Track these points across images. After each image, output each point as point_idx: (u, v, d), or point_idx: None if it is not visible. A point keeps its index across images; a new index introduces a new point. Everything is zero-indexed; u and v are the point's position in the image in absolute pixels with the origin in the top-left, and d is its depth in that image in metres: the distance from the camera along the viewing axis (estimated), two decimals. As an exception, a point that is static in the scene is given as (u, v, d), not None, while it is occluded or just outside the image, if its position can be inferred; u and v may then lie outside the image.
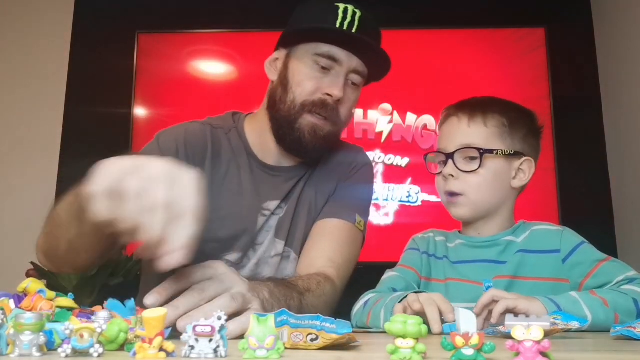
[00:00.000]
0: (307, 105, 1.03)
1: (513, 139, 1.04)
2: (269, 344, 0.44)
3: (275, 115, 1.07)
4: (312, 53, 1.04)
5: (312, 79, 1.03)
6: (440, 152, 1.06)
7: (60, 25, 2.76)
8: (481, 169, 1.02)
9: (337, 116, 1.05)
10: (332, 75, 1.04)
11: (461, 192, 1.03)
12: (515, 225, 1.08)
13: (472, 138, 1.03)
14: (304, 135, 1.03)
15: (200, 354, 0.43)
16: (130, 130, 2.60)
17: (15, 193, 2.63)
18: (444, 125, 1.10)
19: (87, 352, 0.43)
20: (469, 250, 1.08)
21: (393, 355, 0.42)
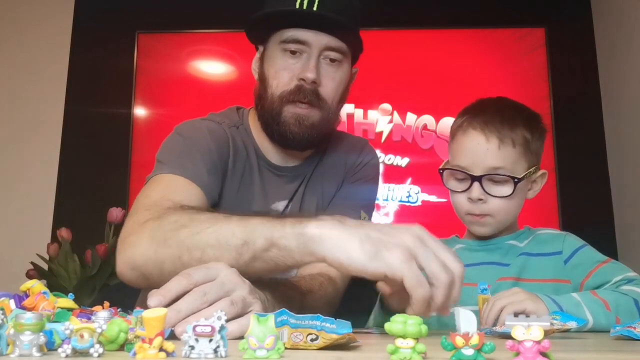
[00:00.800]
0: (285, 95, 1.00)
1: (532, 152, 1.03)
2: (269, 344, 0.44)
3: (260, 114, 1.05)
4: (278, 42, 1.01)
5: (285, 68, 1.00)
6: (464, 172, 1.02)
7: (60, 25, 2.76)
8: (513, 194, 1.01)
9: (319, 99, 1.00)
10: (303, 59, 1.00)
11: (488, 213, 1.02)
12: (519, 230, 1.09)
13: (503, 162, 1.00)
14: (289, 127, 1.00)
15: (200, 354, 0.43)
16: (130, 130, 2.60)
17: (16, 193, 2.63)
18: (465, 139, 1.03)
19: (87, 352, 0.43)
20: (471, 253, 1.08)
21: (393, 355, 0.42)
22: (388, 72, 2.61)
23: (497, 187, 1.00)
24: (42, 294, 0.60)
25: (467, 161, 1.01)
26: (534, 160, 1.04)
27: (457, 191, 1.04)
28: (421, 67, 2.61)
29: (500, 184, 1.00)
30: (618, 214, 2.50)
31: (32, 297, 0.59)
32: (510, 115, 1.03)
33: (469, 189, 1.01)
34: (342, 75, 1.04)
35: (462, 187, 1.03)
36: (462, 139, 1.04)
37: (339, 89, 1.04)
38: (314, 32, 0.98)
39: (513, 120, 1.02)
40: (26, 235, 2.52)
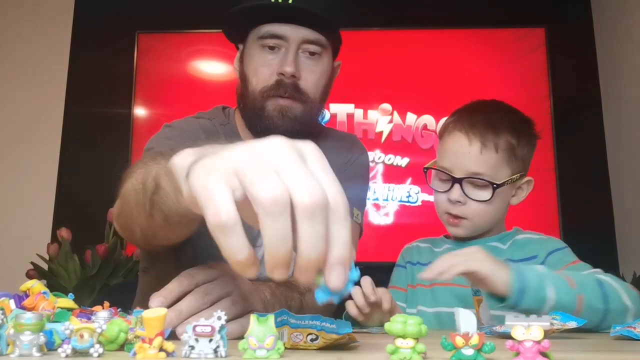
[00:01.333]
0: (266, 90, 0.99)
1: (518, 158, 1.03)
2: (269, 344, 0.44)
3: (243, 112, 1.05)
4: (256, 38, 1.00)
5: (264, 64, 0.99)
6: (447, 173, 1.03)
7: (60, 26, 2.76)
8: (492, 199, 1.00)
9: (300, 93, 0.99)
10: (282, 53, 0.99)
11: (465, 216, 1.03)
12: (505, 232, 1.09)
13: (484, 167, 1.00)
14: (273, 121, 0.99)
15: (200, 354, 0.43)
16: (130, 130, 2.60)
17: (16, 193, 2.63)
18: (450, 140, 1.04)
19: (87, 352, 0.43)
20: None
21: (393, 355, 0.42)
22: (388, 72, 2.61)
23: (476, 190, 1.01)
24: (42, 294, 0.60)
25: (450, 162, 1.02)
26: (519, 167, 1.03)
27: (439, 191, 1.05)
28: (421, 67, 2.61)
29: (480, 188, 1.01)
30: (618, 214, 2.50)
31: (32, 297, 0.59)
32: (497, 119, 1.03)
33: (450, 190, 1.02)
34: (323, 68, 1.03)
35: (444, 187, 1.04)
36: (447, 140, 1.05)
37: (320, 82, 1.02)
38: (291, 25, 0.97)
39: (498, 125, 1.02)
40: (26, 235, 2.52)
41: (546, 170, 2.44)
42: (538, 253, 1.02)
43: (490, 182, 0.99)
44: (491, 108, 1.07)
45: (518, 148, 1.02)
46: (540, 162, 2.45)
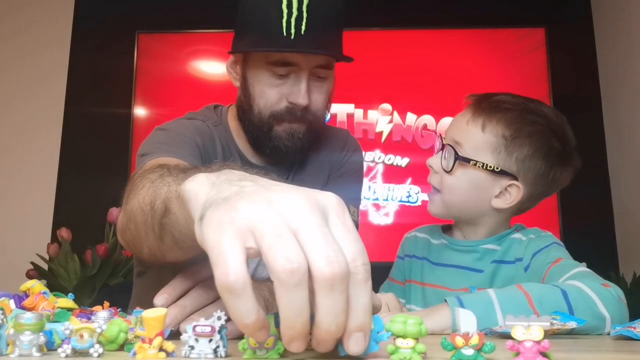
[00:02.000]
0: (275, 115, 0.97)
1: (510, 156, 0.93)
2: (269, 344, 0.44)
3: (247, 127, 1.02)
4: (265, 62, 0.96)
5: (273, 87, 0.97)
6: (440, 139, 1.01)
7: (60, 26, 2.76)
8: (458, 173, 0.95)
9: (310, 115, 0.99)
10: (293, 80, 0.96)
11: (438, 188, 0.99)
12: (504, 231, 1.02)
13: (464, 139, 0.95)
14: (282, 142, 0.98)
15: (200, 354, 0.43)
16: (130, 130, 2.60)
17: (16, 193, 2.63)
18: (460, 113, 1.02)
19: (87, 352, 0.43)
20: (449, 252, 1.05)
21: (393, 355, 0.42)
22: (388, 72, 2.61)
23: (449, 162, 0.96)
24: (42, 294, 0.60)
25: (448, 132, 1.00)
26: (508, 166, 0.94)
27: None
28: (421, 67, 2.61)
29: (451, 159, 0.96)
30: (618, 214, 2.50)
31: (32, 297, 0.59)
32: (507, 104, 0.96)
33: None
34: (330, 86, 1.02)
35: None
36: None
37: (326, 99, 1.02)
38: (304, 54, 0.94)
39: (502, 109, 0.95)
40: (26, 235, 2.52)
41: (546, 170, 2.44)
42: (523, 255, 0.96)
43: (454, 150, 0.94)
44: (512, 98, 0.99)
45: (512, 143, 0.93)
46: (540, 162, 2.45)
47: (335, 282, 0.38)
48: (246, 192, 0.43)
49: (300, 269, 0.37)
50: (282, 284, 0.38)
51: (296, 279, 0.37)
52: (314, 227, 0.39)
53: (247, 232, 0.39)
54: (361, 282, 0.39)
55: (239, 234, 0.39)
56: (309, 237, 0.39)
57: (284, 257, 0.38)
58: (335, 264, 0.38)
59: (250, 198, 0.41)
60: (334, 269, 0.38)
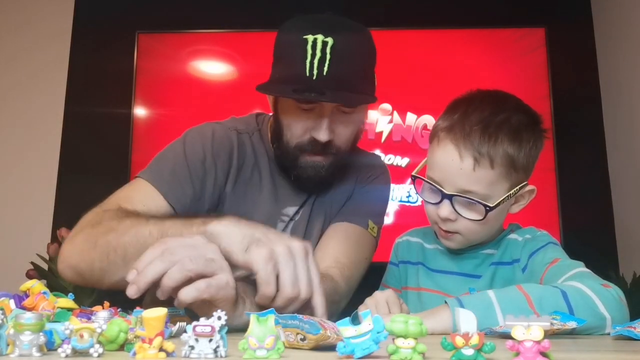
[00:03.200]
0: (300, 146, 1.01)
1: (518, 170, 0.91)
2: (269, 344, 0.44)
3: (277, 153, 1.08)
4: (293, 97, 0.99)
5: (299, 122, 1.00)
6: (436, 187, 0.93)
7: (60, 25, 2.76)
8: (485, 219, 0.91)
9: (334, 149, 1.02)
10: (315, 115, 0.98)
11: (457, 231, 0.94)
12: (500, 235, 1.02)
13: (477, 186, 0.89)
14: (306, 173, 1.03)
15: (200, 354, 0.43)
16: (130, 130, 2.60)
17: (15, 193, 2.63)
18: (440, 152, 0.93)
19: (87, 352, 0.43)
20: (445, 259, 1.04)
21: (393, 355, 0.42)
22: (388, 72, 2.60)
23: (468, 208, 0.91)
24: (42, 294, 0.60)
25: (440, 176, 0.92)
26: (519, 178, 0.92)
27: (429, 202, 0.96)
28: (421, 67, 2.61)
29: (472, 206, 0.91)
30: (618, 214, 2.50)
31: (32, 297, 0.59)
32: (495, 125, 0.90)
33: (439, 205, 0.93)
34: (357, 119, 1.04)
35: (434, 199, 0.94)
36: (436, 151, 0.94)
37: (354, 133, 1.05)
38: None
39: (496, 134, 0.89)
40: (26, 235, 2.52)
41: (546, 170, 2.44)
42: (520, 256, 0.96)
43: (482, 204, 0.89)
44: (490, 108, 0.93)
45: (518, 157, 0.90)
46: (540, 162, 2.44)
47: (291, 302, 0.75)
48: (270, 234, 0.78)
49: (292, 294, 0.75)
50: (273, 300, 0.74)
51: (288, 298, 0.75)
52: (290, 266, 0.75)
53: None
54: None
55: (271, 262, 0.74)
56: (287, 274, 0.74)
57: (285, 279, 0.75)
58: None
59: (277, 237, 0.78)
60: None
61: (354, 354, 0.44)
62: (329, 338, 0.51)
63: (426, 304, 1.01)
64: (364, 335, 0.44)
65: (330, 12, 1.03)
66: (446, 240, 0.98)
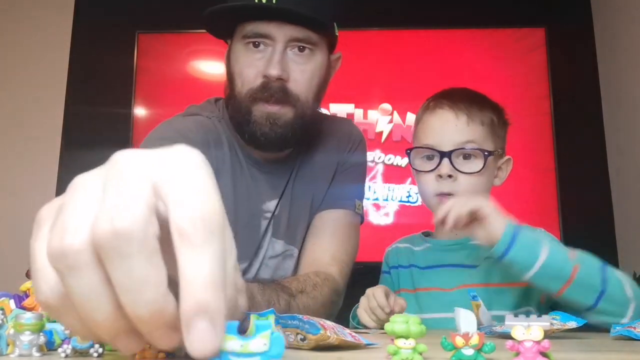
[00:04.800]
0: (252, 93, 0.91)
1: (498, 136, 1.02)
2: (269, 344, 0.44)
3: (231, 114, 0.98)
4: (240, 37, 0.93)
5: (250, 65, 0.92)
6: (433, 149, 0.98)
7: (60, 25, 2.76)
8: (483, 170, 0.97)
9: (289, 96, 0.91)
10: (268, 53, 0.91)
11: (457, 192, 0.97)
12: None
13: (472, 136, 0.98)
14: (261, 128, 0.92)
15: (200, 354, 0.43)
16: (130, 130, 2.60)
17: (15, 193, 2.63)
18: (434, 118, 1.02)
19: (87, 352, 0.43)
20: (435, 254, 1.05)
21: (394, 356, 0.42)
22: (388, 72, 2.61)
23: (466, 163, 0.98)
24: (42, 294, 0.60)
25: (436, 139, 0.99)
26: (499, 144, 1.02)
27: (425, 170, 1.00)
28: (421, 67, 2.61)
29: (469, 160, 0.98)
30: (618, 214, 2.50)
31: (32, 297, 0.59)
32: (479, 97, 1.04)
33: (438, 167, 0.97)
34: (315, 66, 0.94)
35: (430, 165, 0.99)
36: (429, 118, 1.03)
37: (313, 81, 0.94)
38: (277, 23, 0.90)
39: (481, 102, 1.02)
40: (26, 235, 2.51)
41: (546, 170, 2.44)
42: None
43: (481, 150, 0.97)
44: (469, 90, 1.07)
45: (498, 126, 1.02)
46: (540, 162, 2.45)
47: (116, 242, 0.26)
48: None
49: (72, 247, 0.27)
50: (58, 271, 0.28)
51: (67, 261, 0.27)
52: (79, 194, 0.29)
53: None
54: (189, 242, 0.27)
55: None
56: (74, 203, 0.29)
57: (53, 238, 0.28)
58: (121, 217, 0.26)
59: None
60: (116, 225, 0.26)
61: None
62: (329, 338, 0.51)
63: (423, 303, 1.01)
64: (250, 356, 0.29)
65: None
66: None
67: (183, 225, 0.27)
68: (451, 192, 0.97)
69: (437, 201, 0.99)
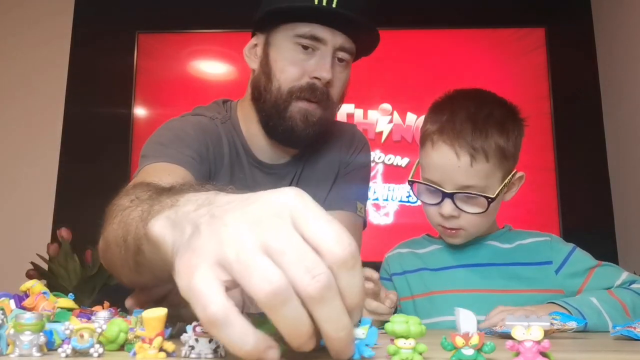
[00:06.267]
0: (294, 91, 0.95)
1: (508, 159, 0.95)
2: (269, 344, 0.44)
3: (262, 107, 0.99)
4: (291, 35, 0.96)
5: (296, 63, 0.96)
6: (436, 188, 0.95)
7: (60, 25, 2.76)
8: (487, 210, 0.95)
9: (328, 99, 0.97)
10: (318, 57, 0.96)
11: (461, 227, 0.97)
12: (499, 230, 1.06)
13: (476, 180, 0.92)
14: (296, 123, 0.96)
15: (200, 354, 0.43)
16: (130, 130, 2.60)
17: (15, 193, 2.63)
18: (436, 154, 0.95)
19: (87, 352, 0.43)
20: (449, 255, 1.04)
21: (394, 356, 0.42)
22: (388, 72, 2.61)
23: (470, 203, 0.94)
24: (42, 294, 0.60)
25: (438, 176, 0.94)
26: (509, 166, 0.96)
27: (428, 203, 0.98)
28: (421, 67, 2.61)
29: (473, 200, 0.94)
30: (618, 214, 2.50)
31: (32, 297, 0.59)
32: (483, 120, 0.94)
33: (440, 205, 0.95)
34: (347, 76, 1.02)
35: (433, 200, 0.96)
36: (431, 153, 0.96)
37: (343, 89, 1.02)
38: (331, 30, 0.95)
39: (485, 128, 0.93)
40: (26, 235, 2.52)
41: (546, 170, 2.44)
42: (553, 259, 0.99)
43: (484, 196, 0.92)
44: (474, 105, 0.97)
45: (507, 147, 0.94)
46: (540, 162, 2.45)
47: (323, 294, 0.35)
48: (203, 226, 0.40)
49: (280, 287, 0.35)
50: (269, 307, 0.35)
51: (280, 298, 0.35)
52: (281, 239, 0.36)
53: (217, 268, 0.37)
54: (351, 268, 0.37)
55: (209, 272, 0.37)
56: (280, 252, 0.36)
57: (260, 281, 0.35)
58: (318, 277, 0.35)
59: (208, 231, 0.39)
60: (319, 283, 0.35)
61: None
62: None
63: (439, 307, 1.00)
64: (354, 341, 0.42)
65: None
66: (451, 238, 1.00)
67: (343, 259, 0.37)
68: (454, 227, 0.97)
69: (441, 230, 1.00)
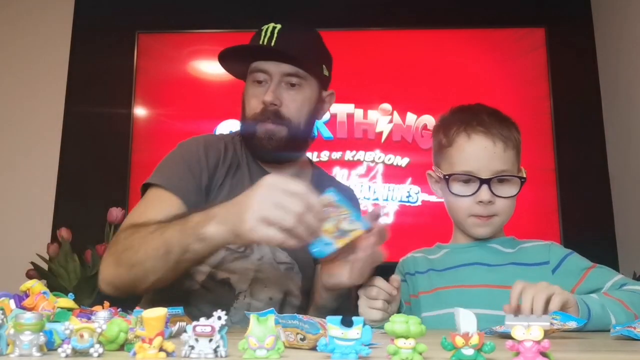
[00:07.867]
0: (254, 117, 1.14)
1: (519, 154, 1.08)
2: (269, 344, 0.44)
3: (242, 136, 1.20)
4: (249, 73, 1.18)
5: (255, 96, 1.15)
6: (473, 176, 1.03)
7: (60, 25, 2.76)
8: None
9: (282, 118, 1.13)
10: (265, 86, 1.15)
11: (496, 213, 1.05)
12: (503, 237, 1.12)
13: (508, 164, 1.04)
14: (261, 142, 1.13)
15: (200, 354, 0.43)
16: (130, 130, 2.60)
17: (16, 193, 2.63)
18: (471, 145, 1.05)
19: (87, 352, 0.43)
20: (454, 255, 1.11)
21: (394, 356, 0.42)
22: (388, 72, 2.60)
23: (503, 188, 1.04)
24: (42, 294, 0.60)
25: (475, 165, 1.04)
26: (520, 160, 1.09)
27: (463, 195, 1.05)
28: (421, 67, 2.61)
29: (505, 185, 1.04)
30: (618, 214, 2.50)
31: (32, 297, 0.59)
32: (502, 118, 1.09)
33: (477, 192, 1.03)
34: (304, 97, 1.16)
35: (469, 191, 1.04)
36: (466, 146, 1.05)
37: (304, 108, 1.16)
38: (274, 62, 1.13)
39: (506, 123, 1.08)
40: (26, 235, 2.52)
41: (546, 170, 2.43)
42: (550, 259, 1.05)
43: (518, 177, 1.05)
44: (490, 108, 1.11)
45: (520, 143, 1.09)
46: (540, 162, 2.45)
47: None
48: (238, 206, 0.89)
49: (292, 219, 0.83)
50: None
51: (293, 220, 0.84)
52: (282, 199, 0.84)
53: None
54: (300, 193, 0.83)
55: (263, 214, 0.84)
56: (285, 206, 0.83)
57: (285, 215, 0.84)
58: None
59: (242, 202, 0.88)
60: None
61: (333, 354, 0.44)
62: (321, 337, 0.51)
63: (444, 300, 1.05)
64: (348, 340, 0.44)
65: None
66: (483, 227, 1.07)
67: None
68: (490, 214, 1.05)
69: (473, 222, 1.07)
